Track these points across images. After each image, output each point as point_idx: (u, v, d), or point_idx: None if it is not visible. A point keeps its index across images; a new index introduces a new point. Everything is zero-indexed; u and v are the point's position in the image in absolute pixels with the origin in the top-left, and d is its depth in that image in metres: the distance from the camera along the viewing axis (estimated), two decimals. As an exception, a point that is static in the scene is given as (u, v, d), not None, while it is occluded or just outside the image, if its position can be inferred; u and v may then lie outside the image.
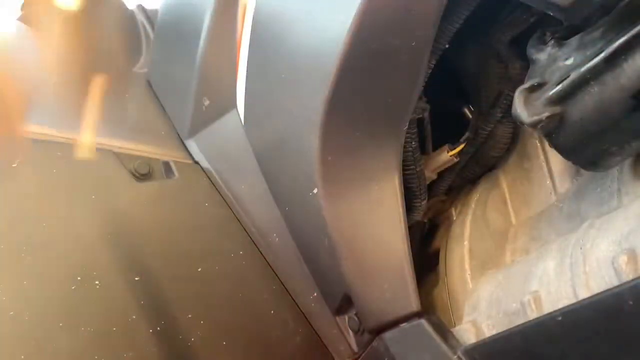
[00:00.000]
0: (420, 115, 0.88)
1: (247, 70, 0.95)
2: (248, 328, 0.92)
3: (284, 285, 0.98)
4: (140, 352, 0.81)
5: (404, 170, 0.85)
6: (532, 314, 0.70)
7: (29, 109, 0.97)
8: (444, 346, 0.78)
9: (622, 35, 0.58)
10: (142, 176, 0.99)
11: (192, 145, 1.08)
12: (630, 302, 0.56)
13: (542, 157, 0.86)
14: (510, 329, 0.70)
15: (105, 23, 1.35)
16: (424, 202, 0.91)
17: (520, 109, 0.68)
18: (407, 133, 0.83)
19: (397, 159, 0.83)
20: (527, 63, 0.74)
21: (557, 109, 0.67)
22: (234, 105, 1.00)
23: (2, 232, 0.80)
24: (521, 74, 0.80)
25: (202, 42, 1.04)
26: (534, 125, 0.70)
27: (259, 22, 0.91)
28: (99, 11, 1.36)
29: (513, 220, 0.90)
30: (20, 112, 0.87)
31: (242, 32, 0.96)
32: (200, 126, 1.08)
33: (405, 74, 0.76)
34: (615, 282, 0.61)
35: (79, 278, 0.82)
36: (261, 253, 0.99)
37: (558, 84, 0.65)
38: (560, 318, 0.63)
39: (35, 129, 0.93)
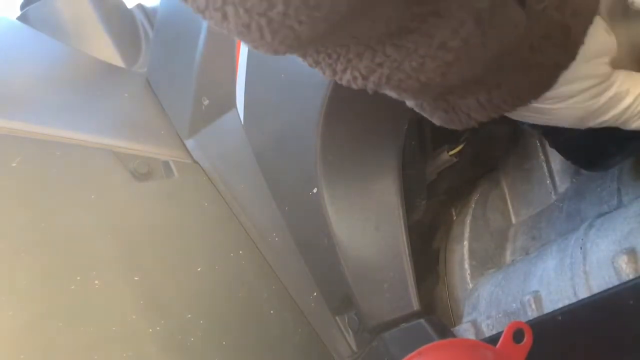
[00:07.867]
0: (420, 115, 0.88)
1: (246, 69, 0.95)
2: (248, 328, 0.92)
3: (283, 285, 0.98)
4: (140, 352, 0.81)
5: (404, 170, 0.85)
6: (532, 314, 0.70)
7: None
8: (443, 346, 0.78)
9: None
10: (142, 176, 0.98)
11: (191, 144, 1.08)
12: (631, 302, 0.56)
13: (542, 157, 0.86)
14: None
15: (105, 22, 1.35)
16: (424, 202, 0.91)
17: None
18: (407, 133, 0.83)
19: (397, 159, 0.83)
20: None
21: (557, 109, 0.66)
22: (233, 104, 1.00)
23: (1, 231, 0.80)
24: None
25: (201, 41, 1.04)
26: (533, 124, 0.69)
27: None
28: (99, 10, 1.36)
29: (513, 220, 0.90)
30: None
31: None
32: (200, 126, 1.08)
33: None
34: (615, 282, 0.61)
35: (78, 278, 0.82)
36: (261, 253, 0.99)
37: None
38: (560, 318, 0.63)
39: (35, 129, 0.93)
